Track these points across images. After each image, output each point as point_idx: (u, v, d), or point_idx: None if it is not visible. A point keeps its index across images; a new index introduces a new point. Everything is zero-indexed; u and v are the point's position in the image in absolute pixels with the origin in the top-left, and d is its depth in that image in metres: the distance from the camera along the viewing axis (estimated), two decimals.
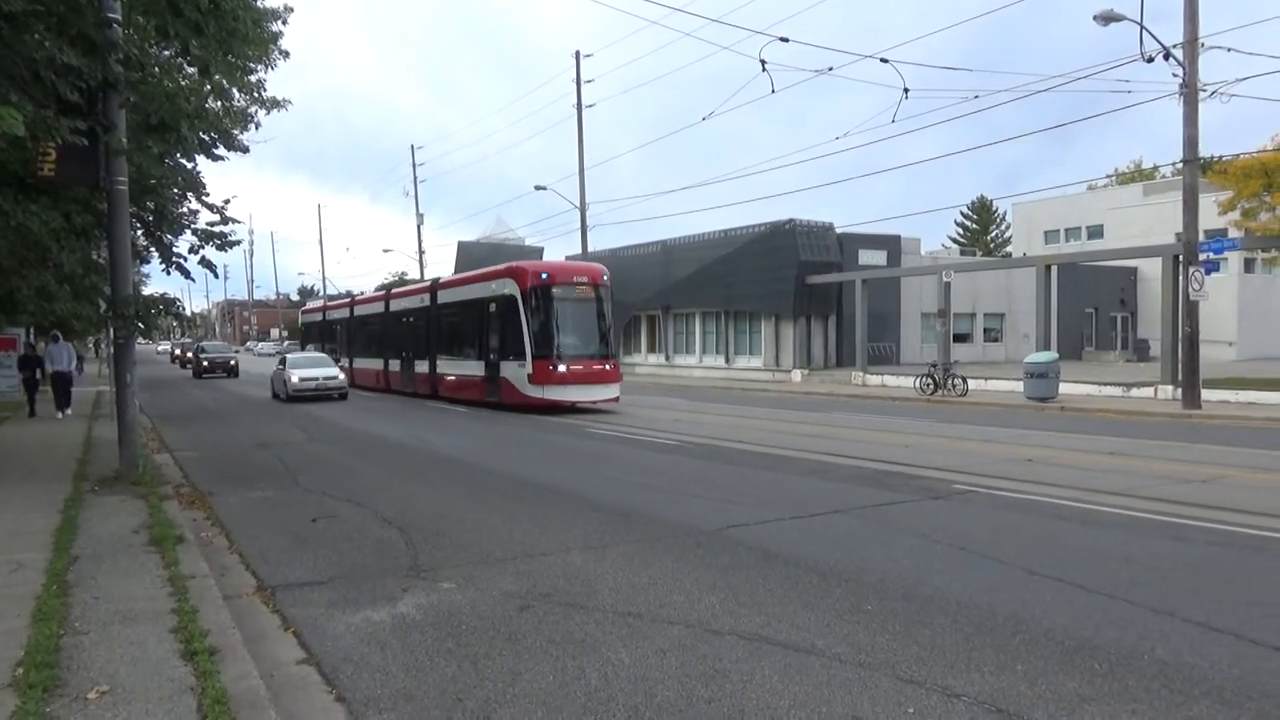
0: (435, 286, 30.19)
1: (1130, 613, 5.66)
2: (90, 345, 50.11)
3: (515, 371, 22.89)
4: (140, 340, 17.55)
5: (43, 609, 5.59)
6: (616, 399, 23.47)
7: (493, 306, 24.19)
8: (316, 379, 28.42)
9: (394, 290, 35.60)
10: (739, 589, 6.30)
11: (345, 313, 39.49)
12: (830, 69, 22.38)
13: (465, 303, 26.79)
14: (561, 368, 22.15)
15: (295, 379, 28.13)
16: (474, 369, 25.51)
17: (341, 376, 29.36)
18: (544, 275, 23.15)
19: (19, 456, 13.74)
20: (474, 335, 25.94)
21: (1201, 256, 20.57)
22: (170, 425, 20.21)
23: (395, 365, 32.22)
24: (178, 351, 67.20)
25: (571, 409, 22.29)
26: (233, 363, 47.92)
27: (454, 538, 8.15)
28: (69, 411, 21.09)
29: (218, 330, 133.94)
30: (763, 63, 20.41)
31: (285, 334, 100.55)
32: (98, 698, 4.27)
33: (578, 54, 42.80)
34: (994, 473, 11.45)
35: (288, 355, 32.86)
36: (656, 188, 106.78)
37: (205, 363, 46.71)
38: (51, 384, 21.63)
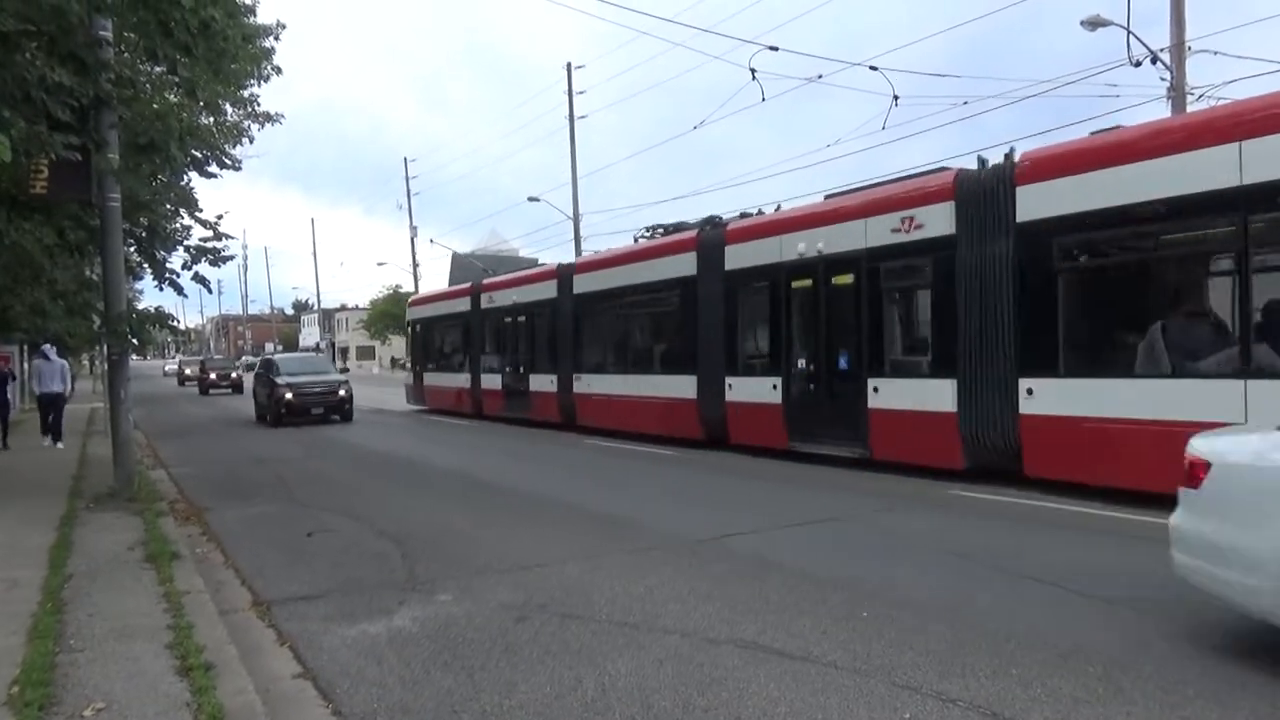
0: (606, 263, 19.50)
1: (1125, 617, 5.68)
2: (84, 362, 50.02)
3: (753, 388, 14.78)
4: (136, 356, 17.29)
5: (38, 626, 5.58)
6: None
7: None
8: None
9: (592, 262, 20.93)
10: (735, 597, 6.31)
11: (478, 304, 25.62)
12: (820, 76, 22.42)
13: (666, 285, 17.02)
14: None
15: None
16: (671, 387, 16.75)
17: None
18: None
19: (13, 473, 13.71)
20: (672, 335, 17.36)
21: None
22: (165, 440, 20.17)
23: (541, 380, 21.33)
24: (189, 371, 55.31)
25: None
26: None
27: (450, 550, 8.14)
28: (61, 444, 17.67)
29: (212, 345, 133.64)
30: (753, 71, 20.45)
31: (279, 346, 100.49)
32: (94, 715, 4.27)
33: (569, 65, 42.90)
34: (982, 479, 11.46)
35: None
36: (650, 197, 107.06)
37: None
38: (40, 408, 18.41)
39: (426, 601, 6.46)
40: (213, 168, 13.92)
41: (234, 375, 45.96)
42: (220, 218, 13.35)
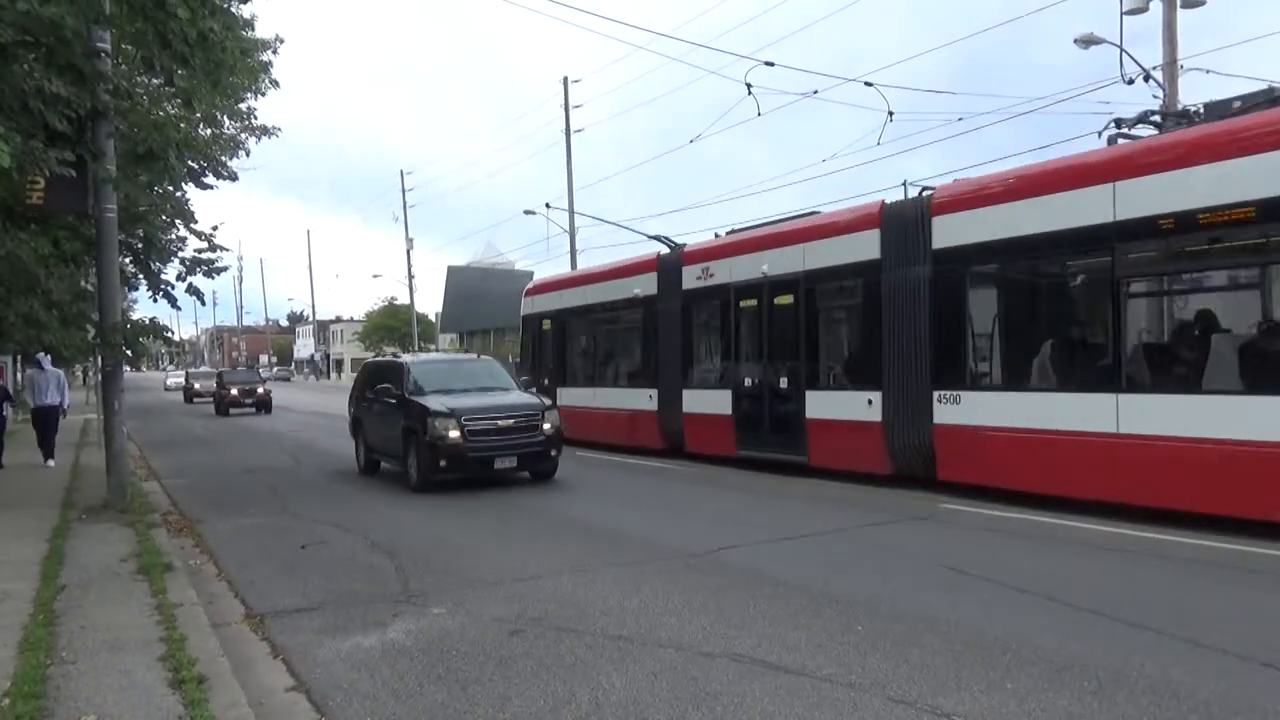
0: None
1: (1117, 630, 5.68)
2: (79, 373, 49.60)
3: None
4: (130, 369, 16.94)
5: (30, 639, 5.55)
6: None
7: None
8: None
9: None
10: (730, 611, 6.30)
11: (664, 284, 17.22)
12: (816, 92, 22.55)
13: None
14: None
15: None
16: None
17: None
18: None
19: (4, 484, 13.64)
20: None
21: None
22: (159, 452, 20.10)
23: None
24: (199, 385, 46.91)
25: None
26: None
27: (444, 563, 8.12)
28: (52, 463, 16.10)
29: (206, 357, 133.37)
30: (748, 86, 20.57)
31: (275, 360, 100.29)
32: None
33: (565, 79, 43.08)
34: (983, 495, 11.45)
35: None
36: (647, 210, 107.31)
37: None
38: (34, 422, 16.94)
39: (420, 614, 6.44)
40: (209, 179, 13.95)
41: (261, 390, 36.80)
42: (215, 229, 13.38)
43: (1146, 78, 19.82)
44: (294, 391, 62.52)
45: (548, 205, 35.03)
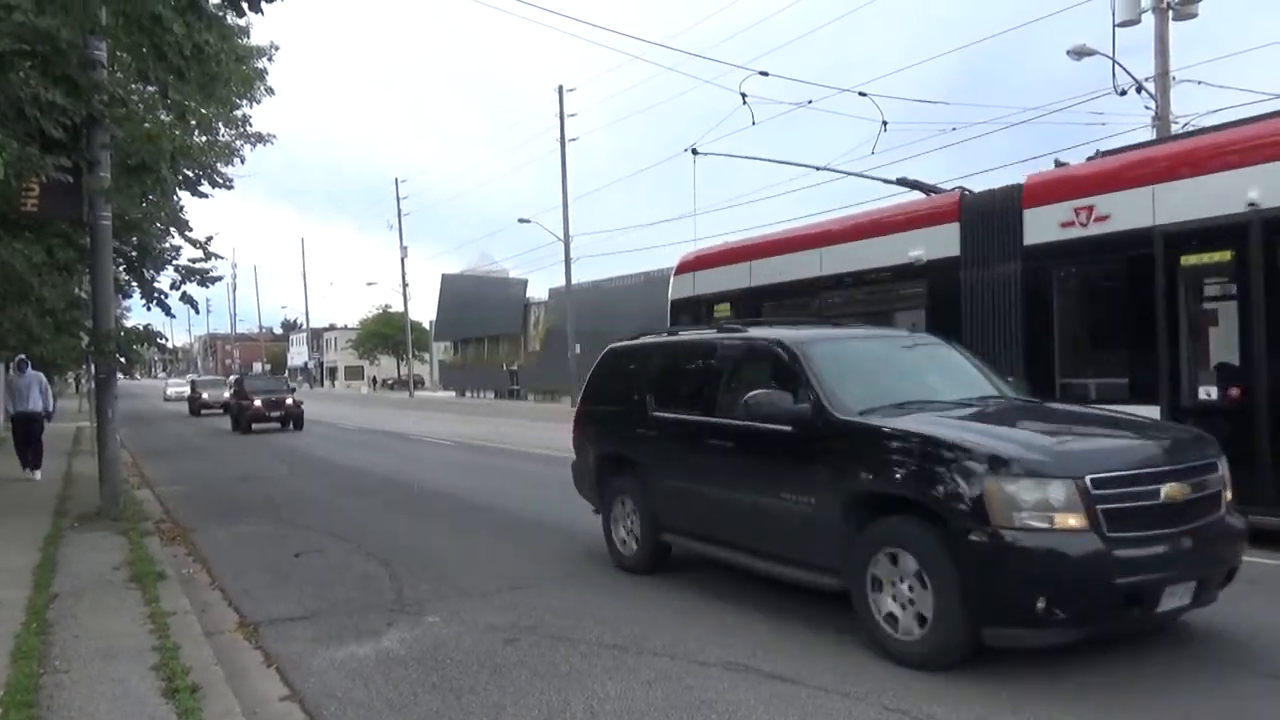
0: None
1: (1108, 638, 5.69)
2: (70, 380, 49.30)
3: None
4: (124, 376, 16.44)
5: (22, 647, 5.53)
6: None
7: None
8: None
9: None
10: (725, 619, 6.31)
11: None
12: (810, 101, 22.68)
13: None
14: None
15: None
16: None
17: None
18: None
19: None
20: None
21: None
22: (152, 460, 20.04)
23: None
24: (208, 395, 41.94)
25: None
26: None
27: (439, 571, 8.11)
28: (39, 474, 15.04)
29: (200, 364, 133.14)
30: (743, 95, 20.63)
31: (268, 367, 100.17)
32: None
33: (560, 88, 43.22)
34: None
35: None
36: (642, 219, 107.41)
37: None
38: (13, 430, 15.88)
39: (415, 623, 6.43)
40: (204, 187, 13.94)
41: (290, 401, 29.98)
42: (210, 238, 13.36)
43: (1139, 89, 19.98)
44: None
45: (522, 220, 34.78)
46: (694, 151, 20.08)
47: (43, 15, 8.65)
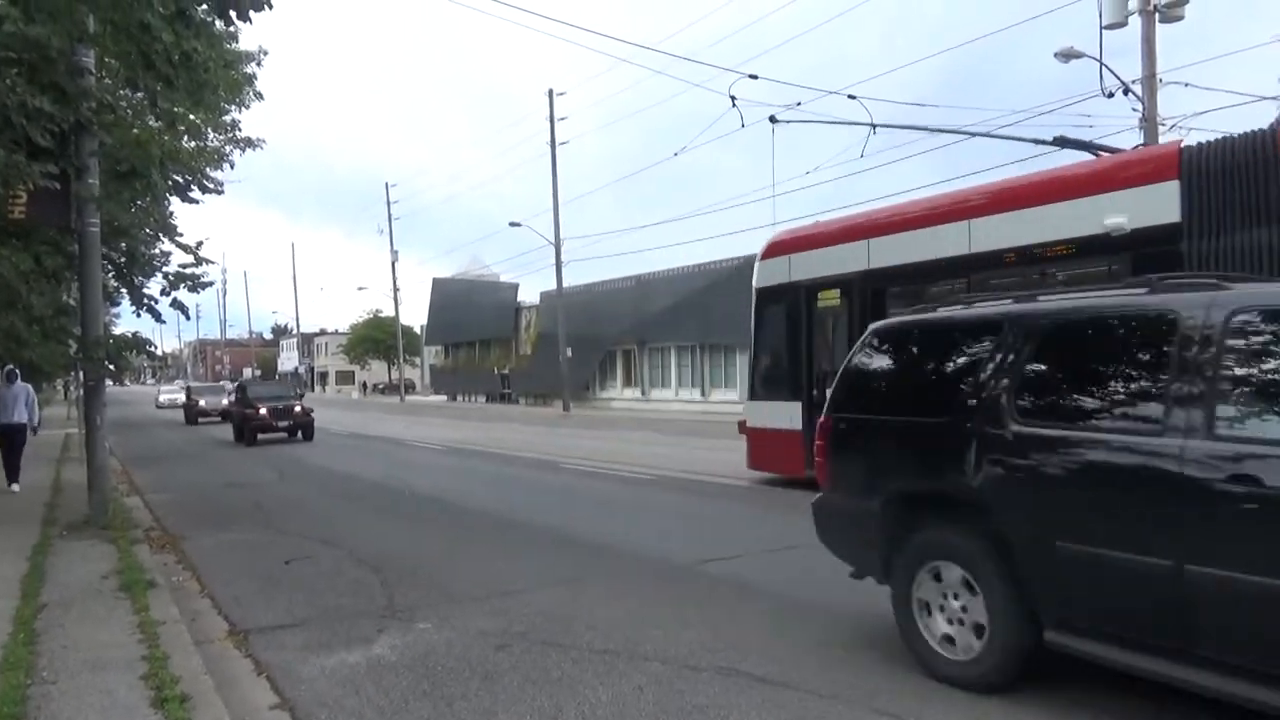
0: None
1: None
2: (59, 387, 49.03)
3: None
4: (113, 383, 16.17)
5: (10, 658, 5.50)
6: None
7: None
8: None
9: None
10: (716, 623, 6.31)
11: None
12: (799, 104, 22.76)
13: None
14: None
15: None
16: None
17: None
18: None
19: None
20: None
21: None
22: (141, 467, 19.95)
23: None
24: (204, 403, 40.07)
25: None
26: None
27: (430, 577, 8.09)
28: (16, 487, 14.43)
29: (189, 370, 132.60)
30: (733, 99, 20.69)
31: (258, 372, 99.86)
32: None
33: (550, 92, 43.27)
34: None
35: None
36: (632, 222, 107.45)
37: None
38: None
39: (406, 630, 6.42)
40: (194, 192, 13.89)
41: (299, 409, 27.22)
42: (200, 244, 13.31)
43: (1126, 91, 20.09)
44: None
45: (513, 224, 34.94)
46: (773, 120, 18.34)
47: (32, 24, 8.62)
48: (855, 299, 12.33)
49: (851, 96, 20.81)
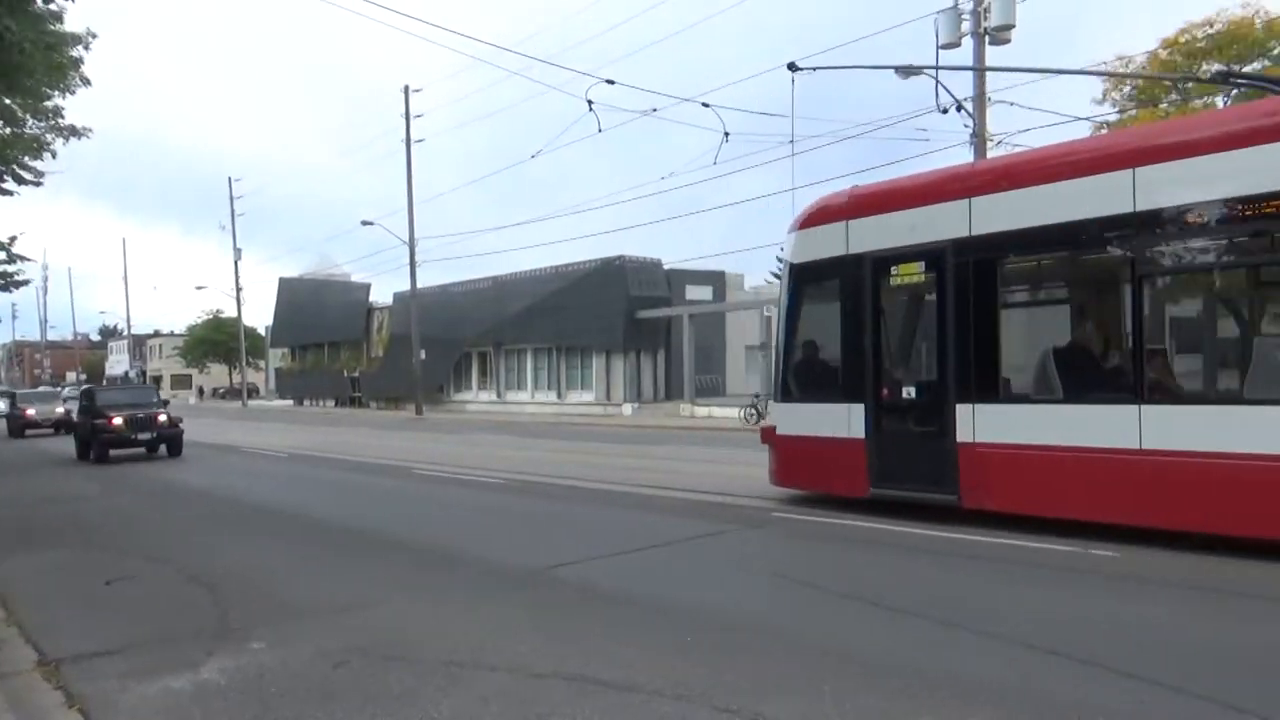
0: None
1: (927, 630, 6.06)
2: None
3: None
4: None
5: None
6: None
7: None
8: None
9: None
10: (563, 629, 6.31)
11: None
12: (654, 110, 23.11)
13: None
14: None
15: None
16: None
17: None
18: None
19: None
20: None
21: None
22: None
23: None
24: (32, 411, 36.51)
25: None
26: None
27: (267, 593, 7.74)
28: None
29: (4, 375, 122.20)
30: (589, 103, 20.83)
31: (84, 376, 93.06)
32: None
33: (406, 89, 42.27)
34: (813, 502, 11.96)
35: None
36: (489, 223, 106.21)
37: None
38: None
39: (238, 651, 6.11)
40: (8, 184, 12.83)
41: (163, 418, 22.70)
42: (14, 239, 12.31)
43: (959, 108, 21.38)
44: None
45: (365, 222, 34.09)
46: (791, 67, 15.24)
47: None
48: (951, 273, 9.79)
49: (705, 104, 21.31)
